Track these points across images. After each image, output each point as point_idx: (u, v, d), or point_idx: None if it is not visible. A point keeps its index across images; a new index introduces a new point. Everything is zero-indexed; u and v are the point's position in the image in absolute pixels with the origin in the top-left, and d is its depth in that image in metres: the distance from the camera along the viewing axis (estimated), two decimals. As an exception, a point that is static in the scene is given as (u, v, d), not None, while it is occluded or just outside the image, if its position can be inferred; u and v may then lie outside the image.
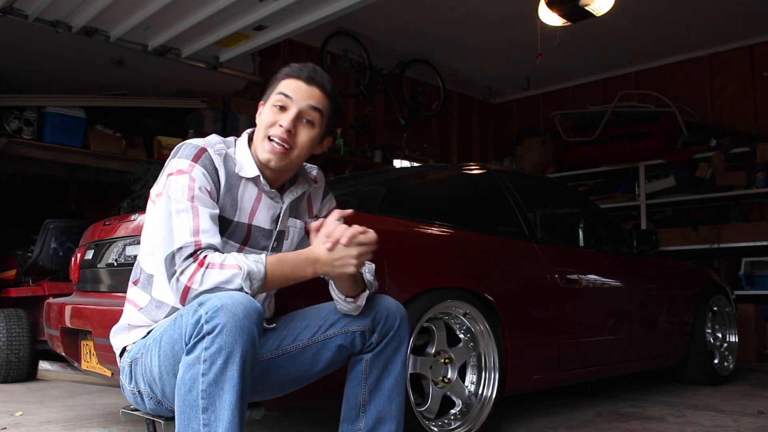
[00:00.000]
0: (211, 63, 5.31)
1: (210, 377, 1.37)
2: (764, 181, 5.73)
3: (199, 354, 1.38)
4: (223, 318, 1.37)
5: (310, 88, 1.66)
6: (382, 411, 1.69)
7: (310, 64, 1.70)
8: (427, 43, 6.35)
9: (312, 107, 1.66)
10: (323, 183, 1.89)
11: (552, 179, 4.11)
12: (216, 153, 1.64)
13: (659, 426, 2.79)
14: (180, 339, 1.44)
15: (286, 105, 1.65)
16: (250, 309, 1.40)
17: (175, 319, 1.50)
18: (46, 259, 4.02)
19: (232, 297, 1.41)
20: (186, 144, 1.65)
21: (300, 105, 1.65)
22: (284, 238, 1.75)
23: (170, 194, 1.56)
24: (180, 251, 1.49)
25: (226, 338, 1.36)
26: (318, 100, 1.67)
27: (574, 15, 4.62)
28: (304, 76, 1.66)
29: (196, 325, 1.39)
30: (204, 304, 1.40)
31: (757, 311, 5.35)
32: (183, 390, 1.39)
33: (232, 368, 1.37)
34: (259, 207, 1.69)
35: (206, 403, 1.37)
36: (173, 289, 1.50)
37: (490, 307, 2.52)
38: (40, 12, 4.34)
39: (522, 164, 7.30)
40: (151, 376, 1.58)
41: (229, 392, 1.37)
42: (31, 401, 3.34)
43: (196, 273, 1.47)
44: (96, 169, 4.87)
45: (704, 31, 6.15)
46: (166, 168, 1.64)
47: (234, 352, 1.37)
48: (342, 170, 6.31)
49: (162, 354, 1.52)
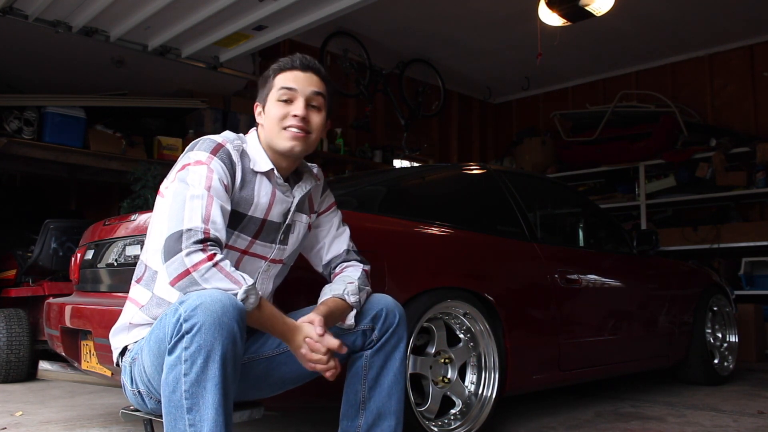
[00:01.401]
0: (211, 63, 5.31)
1: (192, 377, 1.37)
2: (764, 181, 5.73)
3: (179, 354, 1.38)
4: (201, 316, 1.37)
5: (307, 75, 1.71)
6: (382, 407, 1.70)
7: (298, 53, 1.74)
8: (427, 43, 6.35)
9: (315, 93, 1.71)
10: (323, 180, 1.92)
11: (552, 179, 4.11)
12: (234, 148, 1.66)
13: (659, 426, 2.79)
14: (164, 338, 1.44)
15: (292, 97, 1.69)
16: (229, 306, 1.40)
17: (161, 318, 1.50)
18: (46, 259, 4.02)
19: (211, 295, 1.40)
20: (204, 138, 1.67)
21: (305, 93, 1.70)
22: (291, 231, 1.77)
23: (188, 180, 1.57)
24: (189, 232, 1.49)
25: (205, 337, 1.36)
26: (318, 85, 1.72)
27: (574, 15, 4.62)
28: (298, 65, 1.71)
29: (176, 324, 1.39)
30: (183, 302, 1.41)
31: (757, 311, 5.35)
32: (167, 391, 1.40)
33: (213, 367, 1.37)
34: (274, 202, 1.71)
35: (190, 404, 1.37)
36: (171, 266, 1.48)
37: (490, 307, 2.51)
38: (40, 12, 4.34)
39: (522, 164, 7.30)
40: (146, 377, 1.59)
41: (211, 391, 1.37)
42: (31, 401, 3.34)
43: (203, 264, 1.47)
44: (96, 169, 4.87)
45: (704, 31, 6.15)
46: (182, 160, 1.64)
47: (214, 350, 1.37)
48: (342, 170, 6.31)
49: (151, 354, 1.53)
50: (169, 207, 1.56)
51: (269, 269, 1.75)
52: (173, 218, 1.53)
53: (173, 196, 1.57)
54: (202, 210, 1.53)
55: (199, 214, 1.52)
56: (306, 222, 1.82)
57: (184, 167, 1.61)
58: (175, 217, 1.53)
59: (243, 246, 1.69)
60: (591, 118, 6.76)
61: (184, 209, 1.52)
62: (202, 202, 1.54)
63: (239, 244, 1.68)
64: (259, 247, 1.71)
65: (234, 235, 1.66)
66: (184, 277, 1.46)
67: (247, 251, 1.70)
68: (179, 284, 1.47)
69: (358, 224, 1.96)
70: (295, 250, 1.82)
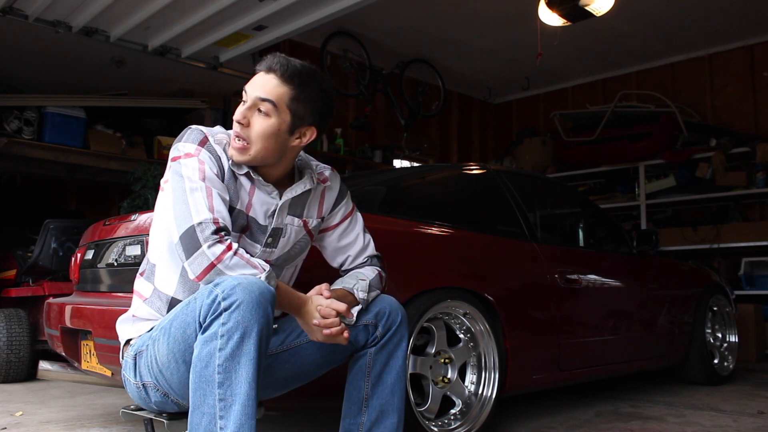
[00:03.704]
0: (211, 63, 5.31)
1: (227, 351, 1.38)
2: (764, 181, 5.73)
3: (216, 330, 1.39)
4: (240, 295, 1.38)
5: (265, 77, 1.60)
6: (384, 404, 1.71)
7: (280, 54, 1.63)
8: (427, 43, 6.35)
9: (261, 98, 1.59)
10: (338, 185, 1.86)
11: (552, 179, 4.12)
12: (216, 142, 1.65)
13: (659, 426, 2.79)
14: (193, 321, 1.44)
15: (245, 98, 1.63)
16: (265, 290, 1.43)
17: (188, 303, 1.50)
18: (46, 259, 4.02)
19: (247, 278, 1.43)
20: (192, 128, 1.67)
21: (252, 95, 1.60)
22: (280, 235, 1.73)
23: (183, 173, 1.57)
24: (200, 226, 1.50)
25: (243, 313, 1.38)
26: (268, 90, 1.59)
27: (574, 15, 4.62)
28: (263, 67, 1.62)
29: (212, 304, 1.40)
30: (220, 284, 1.42)
31: (757, 311, 5.36)
32: (199, 366, 1.40)
33: (249, 343, 1.38)
34: (253, 199, 1.68)
35: (222, 378, 1.38)
36: (193, 262, 1.49)
37: (490, 307, 2.52)
38: (40, 12, 4.33)
39: (522, 164, 7.30)
40: (157, 368, 1.58)
41: (245, 366, 1.38)
42: (31, 401, 3.34)
43: (226, 253, 1.48)
44: (96, 169, 4.87)
45: (704, 31, 6.15)
46: (173, 151, 1.65)
47: (251, 327, 1.38)
48: (342, 170, 6.31)
49: (172, 341, 1.52)
50: (173, 204, 1.56)
51: None
52: (180, 215, 1.53)
53: (173, 192, 1.57)
54: (205, 201, 1.53)
55: (204, 205, 1.53)
56: (299, 225, 1.75)
57: (175, 159, 1.62)
58: (182, 214, 1.53)
59: None
60: (591, 118, 6.76)
61: (188, 204, 1.53)
62: (202, 194, 1.54)
63: None
64: (247, 244, 1.69)
65: None
66: (210, 270, 1.48)
67: None
68: (207, 277, 1.49)
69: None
70: (288, 253, 1.77)
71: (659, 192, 6.33)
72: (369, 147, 6.64)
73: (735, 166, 5.94)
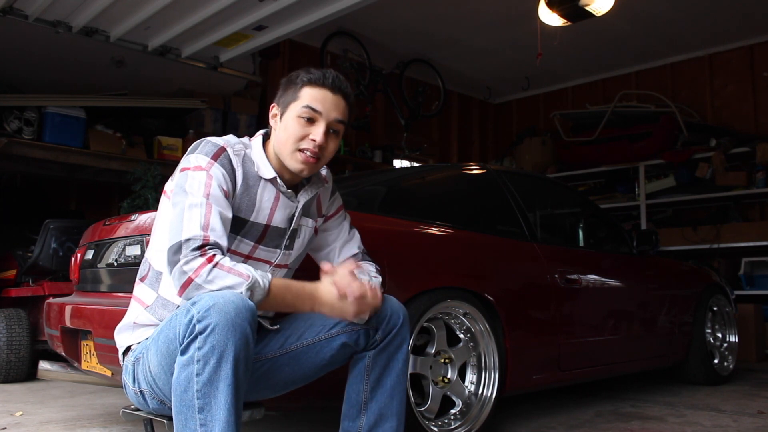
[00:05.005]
0: (211, 63, 5.32)
1: (204, 377, 1.37)
2: (764, 181, 5.73)
3: (192, 354, 1.38)
4: (214, 317, 1.37)
5: (335, 98, 1.67)
6: (383, 408, 1.70)
7: (332, 70, 1.70)
8: (427, 43, 6.35)
9: (338, 120, 1.69)
10: (332, 183, 1.91)
11: (552, 179, 4.12)
12: (234, 153, 1.66)
13: (659, 426, 2.79)
14: (175, 339, 1.44)
15: (314, 118, 1.66)
16: (242, 307, 1.41)
17: (171, 318, 1.51)
18: (46, 259, 4.02)
19: (224, 296, 1.41)
20: (206, 141, 1.66)
21: (328, 118, 1.67)
22: (297, 236, 1.77)
23: (186, 188, 1.58)
24: (188, 242, 1.50)
25: (218, 338, 1.37)
26: (343, 112, 1.69)
27: (574, 15, 4.62)
28: (329, 84, 1.67)
29: (189, 325, 1.39)
30: (196, 303, 1.41)
31: (757, 311, 5.35)
32: (179, 390, 1.40)
33: (225, 367, 1.38)
34: (277, 207, 1.70)
35: (202, 403, 1.38)
36: (174, 278, 1.50)
37: (490, 307, 2.52)
38: (40, 12, 4.34)
39: (522, 164, 7.30)
40: (151, 376, 1.59)
41: (223, 392, 1.38)
42: (31, 401, 3.34)
43: (203, 267, 1.47)
44: (96, 169, 4.86)
45: (704, 31, 6.15)
46: (184, 162, 1.64)
47: (227, 351, 1.38)
48: (342, 170, 6.30)
49: (159, 353, 1.53)
50: (172, 216, 1.57)
51: (274, 273, 1.75)
52: (173, 230, 1.54)
53: (173, 206, 1.58)
54: (201, 218, 1.53)
55: (197, 222, 1.52)
56: (312, 226, 1.81)
57: (183, 170, 1.62)
58: (174, 229, 1.53)
59: (246, 251, 1.69)
60: (591, 118, 6.76)
61: (183, 220, 1.53)
62: (200, 211, 1.54)
63: (242, 249, 1.68)
64: (263, 252, 1.71)
65: (237, 239, 1.66)
66: (188, 286, 1.47)
67: (251, 256, 1.70)
68: (185, 293, 1.48)
69: (358, 224, 1.96)
70: (300, 254, 1.82)
71: (659, 192, 6.33)
72: (369, 147, 6.64)
73: (735, 166, 5.95)
